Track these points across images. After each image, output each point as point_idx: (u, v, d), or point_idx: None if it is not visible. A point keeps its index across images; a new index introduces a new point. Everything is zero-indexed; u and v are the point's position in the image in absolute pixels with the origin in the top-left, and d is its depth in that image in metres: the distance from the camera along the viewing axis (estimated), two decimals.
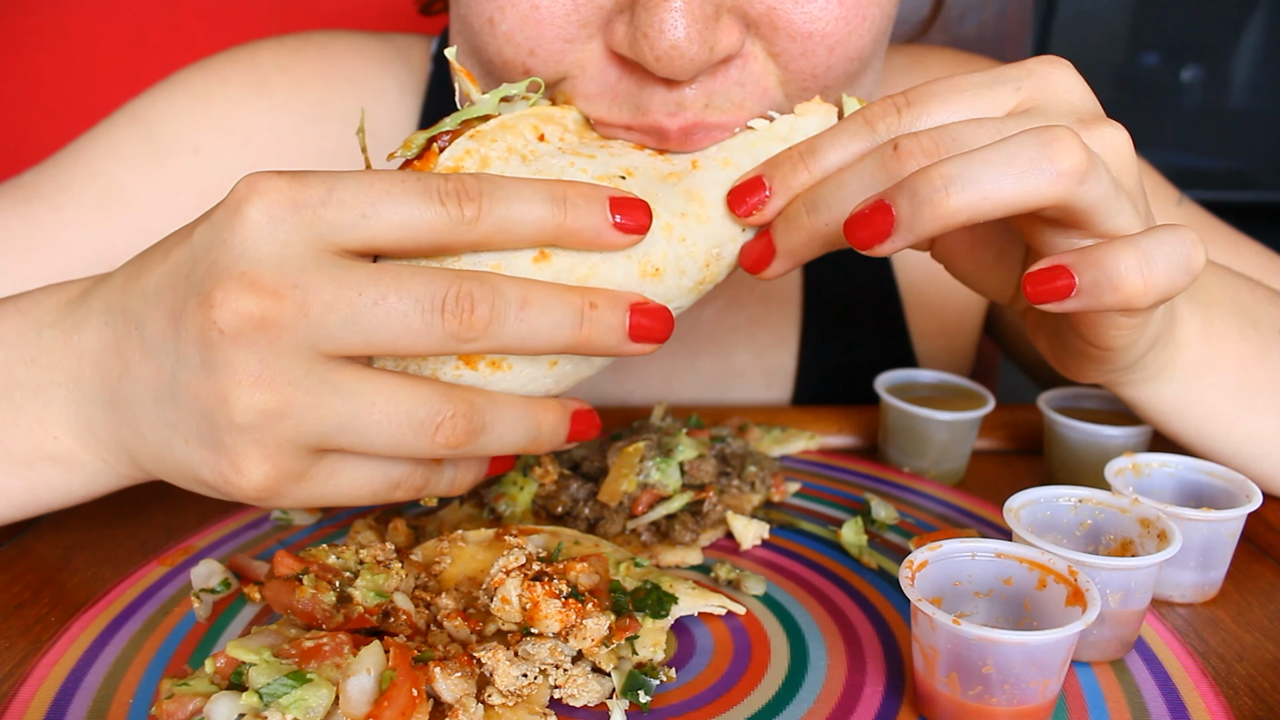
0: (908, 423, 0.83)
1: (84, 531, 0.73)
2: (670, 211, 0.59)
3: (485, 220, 0.52)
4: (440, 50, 1.04)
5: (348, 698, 0.49)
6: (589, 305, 0.54)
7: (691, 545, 0.71)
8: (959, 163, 0.50)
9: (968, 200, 0.50)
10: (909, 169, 0.53)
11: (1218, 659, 0.61)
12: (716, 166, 0.61)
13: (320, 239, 0.51)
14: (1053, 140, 0.50)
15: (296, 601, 0.54)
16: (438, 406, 0.53)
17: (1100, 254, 0.51)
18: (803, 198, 0.58)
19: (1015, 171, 0.50)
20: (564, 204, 0.54)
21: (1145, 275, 0.51)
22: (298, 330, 0.50)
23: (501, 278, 0.53)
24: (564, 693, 0.54)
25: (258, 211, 0.50)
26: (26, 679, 0.56)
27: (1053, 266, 0.52)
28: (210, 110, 0.96)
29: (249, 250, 0.50)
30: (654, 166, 0.61)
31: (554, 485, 0.73)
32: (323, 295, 0.50)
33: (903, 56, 1.09)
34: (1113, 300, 0.51)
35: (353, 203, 0.51)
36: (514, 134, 0.58)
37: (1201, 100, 2.61)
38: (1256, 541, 0.75)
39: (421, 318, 0.51)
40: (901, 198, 0.51)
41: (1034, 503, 0.64)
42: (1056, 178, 0.50)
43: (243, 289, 0.49)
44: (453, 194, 0.52)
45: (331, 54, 1.01)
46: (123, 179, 0.93)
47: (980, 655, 0.50)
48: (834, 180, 0.56)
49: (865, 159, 0.56)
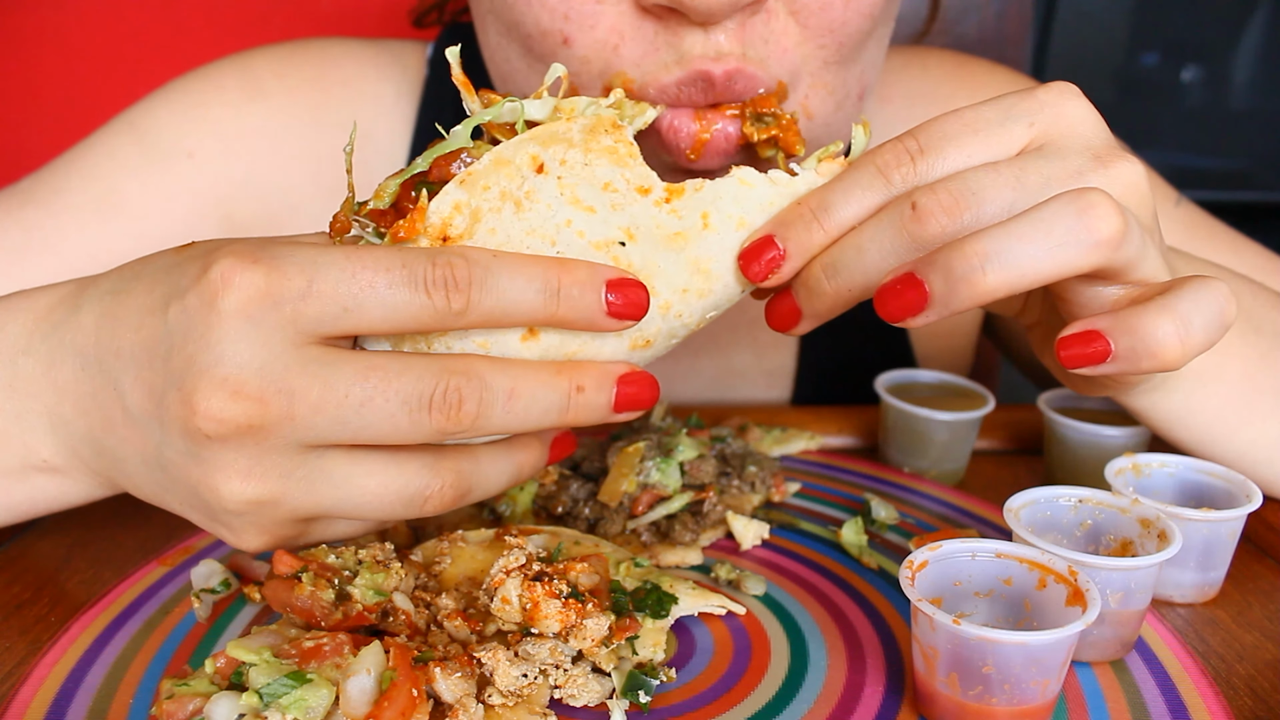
0: (908, 423, 0.83)
1: (84, 531, 0.73)
2: (671, 288, 0.56)
3: (474, 312, 0.50)
4: (435, 55, 1.04)
5: (348, 698, 0.49)
6: (576, 389, 0.54)
7: (691, 545, 0.71)
8: (993, 238, 0.49)
9: (1005, 279, 0.49)
10: (931, 231, 0.52)
11: (1218, 659, 0.61)
12: (730, 227, 0.56)
13: (301, 334, 0.49)
14: (1089, 208, 0.49)
15: (295, 599, 0.54)
16: (427, 481, 0.54)
17: (1137, 320, 0.50)
18: (821, 263, 0.55)
19: (1052, 245, 0.49)
20: (557, 295, 0.52)
21: (1184, 340, 0.50)
22: (284, 432, 0.49)
23: (488, 367, 0.52)
24: (564, 693, 0.54)
25: (234, 309, 0.48)
26: (26, 679, 0.56)
27: (1087, 332, 0.51)
28: (205, 115, 0.97)
29: (228, 353, 0.48)
30: (660, 222, 0.55)
31: (554, 485, 0.73)
32: (309, 398, 0.49)
33: (901, 57, 1.09)
34: (1150, 365, 0.50)
35: (334, 296, 0.49)
36: (508, 172, 0.53)
37: (1201, 100, 2.61)
38: (1256, 541, 0.75)
39: (409, 417, 0.50)
40: (935, 275, 0.49)
41: (1034, 503, 0.64)
42: (1094, 247, 0.49)
43: (226, 396, 0.48)
44: (440, 284, 0.49)
45: (327, 59, 1.01)
46: (118, 183, 0.93)
47: (980, 655, 0.50)
48: (852, 245, 0.54)
49: (883, 218, 0.54)
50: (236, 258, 0.48)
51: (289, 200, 0.99)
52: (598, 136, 0.54)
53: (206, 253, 0.51)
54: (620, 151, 0.54)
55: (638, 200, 0.55)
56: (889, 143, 0.55)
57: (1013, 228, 0.49)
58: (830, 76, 0.75)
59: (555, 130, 0.53)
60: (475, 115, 0.54)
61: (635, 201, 0.55)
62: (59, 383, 0.56)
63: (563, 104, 0.55)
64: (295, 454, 0.51)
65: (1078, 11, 2.50)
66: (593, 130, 0.54)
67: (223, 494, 0.51)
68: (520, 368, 0.53)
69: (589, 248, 0.54)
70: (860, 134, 0.58)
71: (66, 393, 0.56)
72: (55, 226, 0.91)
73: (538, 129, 0.53)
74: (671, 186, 0.55)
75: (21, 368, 0.58)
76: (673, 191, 0.55)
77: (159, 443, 0.52)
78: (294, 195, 0.99)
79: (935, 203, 0.51)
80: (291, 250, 0.49)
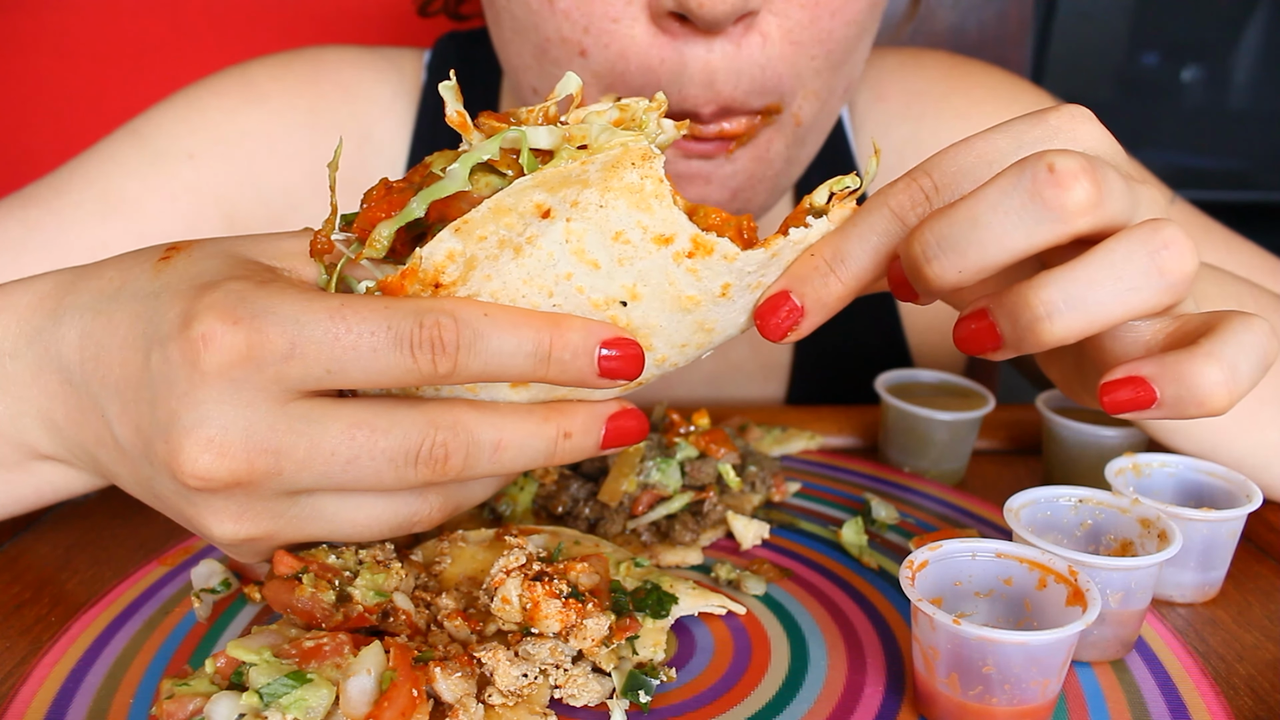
0: (908, 423, 0.83)
1: (84, 531, 0.73)
2: (669, 344, 0.54)
3: (460, 374, 0.49)
4: (432, 60, 1.07)
5: (348, 698, 0.49)
6: (563, 436, 0.54)
7: (691, 545, 0.71)
8: (1061, 284, 0.45)
9: (1072, 327, 0.46)
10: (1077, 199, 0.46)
11: (1218, 659, 0.61)
12: (750, 300, 0.53)
13: (285, 392, 0.48)
14: (1164, 247, 0.46)
15: (296, 600, 0.54)
16: (415, 507, 0.55)
17: (1184, 369, 0.47)
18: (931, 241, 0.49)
19: (1124, 289, 0.46)
20: (548, 360, 0.50)
21: (1231, 389, 0.46)
22: (272, 485, 0.50)
23: (476, 419, 0.51)
24: (564, 693, 0.54)
25: (216, 370, 0.47)
26: (26, 679, 0.56)
27: (1133, 379, 0.48)
28: (205, 118, 0.99)
29: (211, 414, 0.48)
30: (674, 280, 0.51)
31: (554, 485, 0.73)
32: (295, 455, 0.49)
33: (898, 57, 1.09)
34: (1196, 413, 0.47)
35: (316, 359, 0.47)
36: (509, 220, 0.48)
37: (1201, 100, 2.61)
38: (1256, 541, 0.75)
39: (395, 473, 0.50)
40: (1003, 319, 0.47)
41: (1034, 503, 0.64)
42: (1167, 290, 0.46)
43: (212, 457, 0.48)
44: (426, 346, 0.48)
45: (323, 65, 1.04)
46: (119, 184, 0.95)
47: (980, 655, 0.50)
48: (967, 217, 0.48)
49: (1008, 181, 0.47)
50: (218, 318, 0.47)
51: (289, 200, 1.00)
52: (620, 172, 0.48)
53: (185, 289, 0.49)
54: (645, 191, 0.49)
55: (652, 253, 0.50)
56: (901, 181, 0.52)
57: (1082, 271, 0.46)
58: (819, 84, 0.79)
59: (568, 173, 0.47)
60: (473, 151, 0.49)
61: (648, 254, 0.50)
62: (48, 389, 0.56)
63: (574, 131, 0.50)
64: (285, 499, 0.51)
65: (1078, 11, 2.50)
66: (615, 165, 0.48)
67: (215, 533, 0.52)
68: (507, 417, 0.52)
69: (587, 305, 0.52)
70: (873, 164, 0.55)
71: (56, 400, 0.56)
72: (56, 224, 0.92)
73: (548, 173, 0.47)
74: (701, 240, 0.50)
75: (10, 370, 0.57)
76: (700, 246, 0.50)
77: (150, 476, 0.52)
78: (294, 195, 1.01)
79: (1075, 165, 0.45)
80: (274, 306, 0.48)
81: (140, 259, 0.54)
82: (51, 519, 0.75)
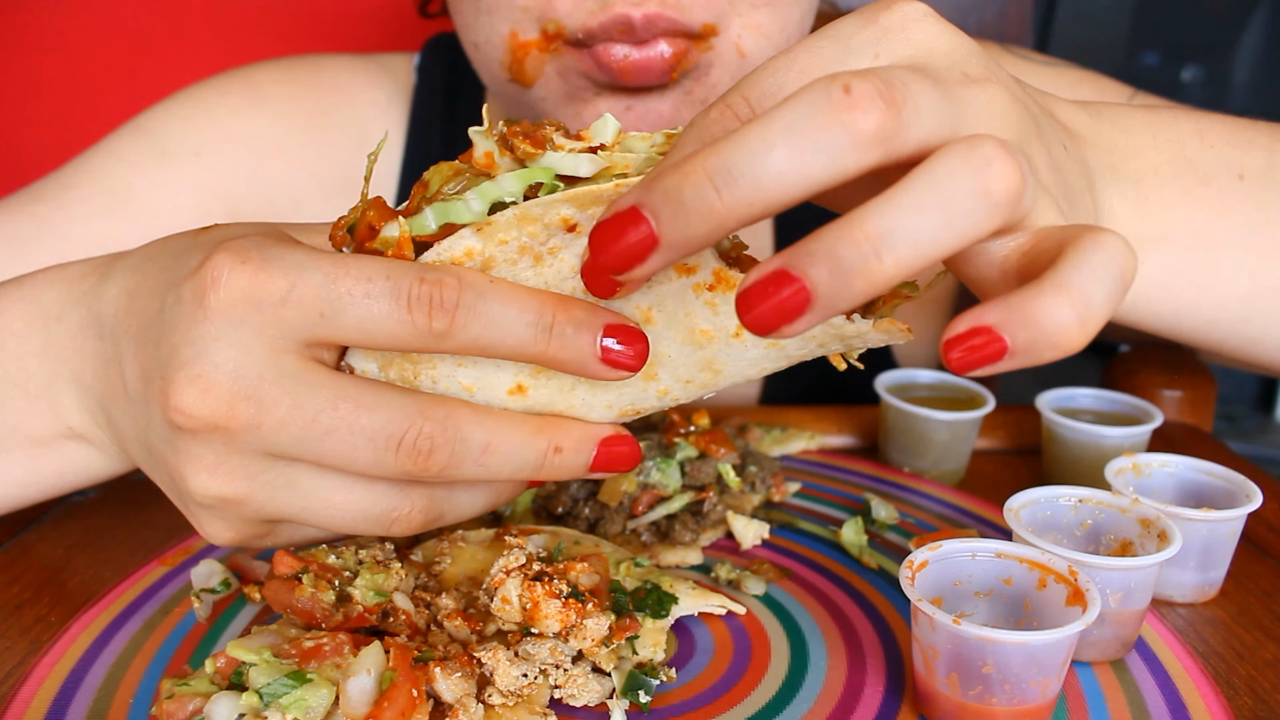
0: (908, 423, 0.83)
1: (84, 532, 0.73)
2: (674, 377, 0.53)
3: (457, 336, 0.48)
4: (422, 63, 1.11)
5: (348, 698, 0.49)
6: (554, 450, 0.53)
7: (691, 545, 0.71)
8: (884, 213, 0.39)
9: (903, 262, 0.39)
10: (867, 126, 0.40)
11: (1218, 659, 0.61)
12: (763, 342, 0.51)
13: (280, 339, 0.48)
14: (986, 165, 0.40)
15: (296, 600, 0.54)
16: (395, 503, 0.53)
17: (1032, 308, 0.40)
18: (709, 168, 0.40)
19: (953, 214, 0.40)
20: (549, 331, 0.49)
21: (1084, 321, 0.40)
22: (250, 438, 0.49)
23: (468, 417, 0.50)
24: (564, 693, 0.54)
25: (218, 307, 0.48)
26: (26, 679, 0.56)
27: (978, 328, 0.40)
28: (211, 117, 1.01)
29: (206, 351, 0.48)
30: (690, 310, 0.50)
31: (554, 485, 0.73)
32: (276, 412, 0.48)
33: None
34: (1051, 356, 0.41)
35: (312, 301, 0.47)
36: (533, 229, 0.47)
37: (1201, 100, 2.61)
38: (1256, 541, 0.75)
39: (372, 454, 0.49)
40: (818, 268, 0.39)
41: (1034, 503, 0.64)
42: (995, 209, 0.41)
43: (197, 392, 0.48)
44: (423, 302, 0.47)
45: (323, 69, 1.08)
46: (127, 179, 0.97)
47: (980, 655, 0.50)
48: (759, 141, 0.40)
49: (801, 101, 0.40)
50: (230, 255, 0.48)
51: (293, 198, 1.03)
52: None
53: (214, 243, 0.51)
54: None
55: (672, 280, 0.49)
56: (714, 103, 0.46)
57: (904, 198, 0.39)
58: (761, 18, 0.79)
59: (600, 193, 0.46)
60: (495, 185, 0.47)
61: (667, 280, 0.49)
62: (83, 350, 0.57)
63: (615, 159, 0.47)
64: (262, 459, 0.50)
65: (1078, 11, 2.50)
66: None
67: (191, 485, 0.51)
68: (500, 421, 0.52)
69: None
70: None
71: (88, 359, 0.57)
72: (65, 219, 0.94)
73: (580, 191, 0.45)
74: (724, 274, 0.48)
75: (54, 334, 0.59)
76: (721, 280, 0.49)
77: (147, 424, 0.53)
78: (298, 193, 1.03)
79: (870, 88, 0.40)
80: (284, 252, 0.48)
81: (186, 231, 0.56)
82: (52, 519, 0.75)
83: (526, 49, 0.78)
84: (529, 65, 0.79)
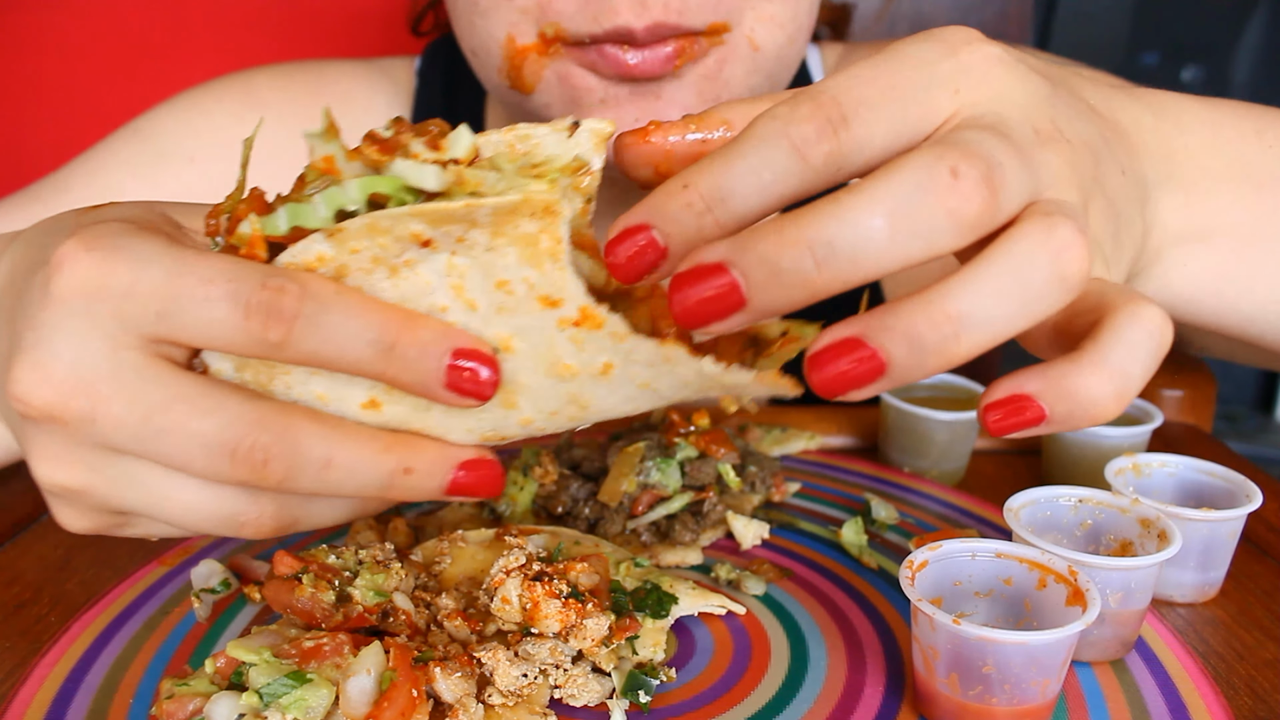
0: (908, 423, 0.83)
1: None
2: (537, 409, 0.50)
3: (292, 348, 0.45)
4: (423, 67, 1.11)
5: (348, 698, 0.49)
6: (403, 470, 0.49)
7: (691, 545, 0.71)
8: (964, 296, 0.40)
9: (977, 343, 0.41)
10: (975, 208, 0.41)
11: (1218, 659, 0.61)
12: (632, 386, 0.48)
13: (122, 333, 0.46)
14: (1062, 250, 0.41)
15: (296, 600, 0.54)
16: (243, 507, 0.50)
17: (1071, 383, 0.43)
18: None
19: (1029, 299, 0.42)
20: (390, 352, 0.46)
21: (1121, 395, 0.43)
22: (88, 432, 0.47)
23: (309, 430, 0.47)
24: (564, 693, 0.54)
25: (60, 295, 0.46)
26: (26, 679, 0.56)
27: (1017, 396, 0.43)
28: (208, 123, 1.02)
29: (47, 338, 0.46)
30: (552, 343, 0.47)
31: (554, 485, 0.73)
32: (111, 409, 0.46)
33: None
34: (1087, 424, 0.44)
35: (150, 298, 0.45)
36: (384, 240, 0.44)
37: None
38: (1256, 541, 0.75)
39: (206, 460, 0.47)
40: (896, 343, 0.40)
41: (1034, 503, 0.64)
42: (1067, 294, 0.43)
43: (36, 380, 0.46)
44: (261, 310, 0.44)
45: (322, 75, 1.08)
46: (120, 182, 0.98)
47: (980, 655, 0.50)
48: None
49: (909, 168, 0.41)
50: (78, 242, 0.46)
51: None
52: (516, 220, 0.43)
53: (78, 226, 0.48)
54: (540, 246, 0.44)
55: (535, 311, 0.46)
56: (803, 104, 0.43)
57: (986, 282, 0.41)
58: (775, 9, 0.78)
59: (451, 211, 0.43)
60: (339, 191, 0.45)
61: (531, 312, 0.46)
62: None
63: (468, 175, 0.45)
64: (102, 453, 0.49)
65: (1078, 11, 2.50)
66: (511, 212, 0.43)
67: (36, 473, 0.50)
68: (345, 436, 0.49)
69: None
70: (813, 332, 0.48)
71: None
72: None
73: (428, 207, 0.43)
74: (590, 312, 0.45)
75: None
76: (587, 318, 0.45)
77: (6, 405, 0.51)
78: None
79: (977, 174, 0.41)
80: (134, 244, 0.46)
81: (75, 209, 0.54)
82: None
83: (524, 54, 0.78)
84: (527, 71, 0.79)
